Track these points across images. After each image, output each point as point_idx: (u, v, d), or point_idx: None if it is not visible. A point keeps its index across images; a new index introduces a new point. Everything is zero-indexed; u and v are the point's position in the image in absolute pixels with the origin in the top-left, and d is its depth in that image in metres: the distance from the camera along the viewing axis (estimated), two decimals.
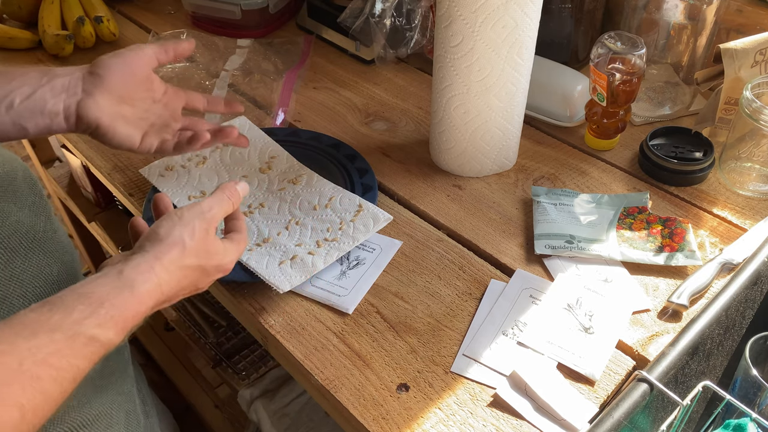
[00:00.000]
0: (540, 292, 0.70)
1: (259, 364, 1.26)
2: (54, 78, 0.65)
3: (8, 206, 0.54)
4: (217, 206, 0.59)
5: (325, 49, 1.14)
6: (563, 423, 0.58)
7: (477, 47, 0.74)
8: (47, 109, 0.64)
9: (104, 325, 0.45)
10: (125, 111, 0.69)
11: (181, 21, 1.23)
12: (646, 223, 0.77)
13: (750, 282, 0.64)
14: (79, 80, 0.67)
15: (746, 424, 0.55)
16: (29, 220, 0.55)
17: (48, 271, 0.55)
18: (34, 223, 0.56)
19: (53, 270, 0.56)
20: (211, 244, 0.57)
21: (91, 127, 0.66)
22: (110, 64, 0.68)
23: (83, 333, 0.44)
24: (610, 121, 0.88)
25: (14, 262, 0.53)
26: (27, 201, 0.56)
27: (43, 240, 0.56)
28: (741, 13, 0.95)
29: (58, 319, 0.44)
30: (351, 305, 0.69)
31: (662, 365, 0.56)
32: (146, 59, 0.70)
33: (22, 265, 0.53)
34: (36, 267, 0.54)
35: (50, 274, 0.56)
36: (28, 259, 0.54)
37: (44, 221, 0.57)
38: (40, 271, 0.55)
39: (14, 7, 1.16)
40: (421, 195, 0.84)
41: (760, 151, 0.81)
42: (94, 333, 0.44)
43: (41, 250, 0.55)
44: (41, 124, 0.64)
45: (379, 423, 0.59)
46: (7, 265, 0.52)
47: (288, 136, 0.91)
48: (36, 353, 0.41)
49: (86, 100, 0.65)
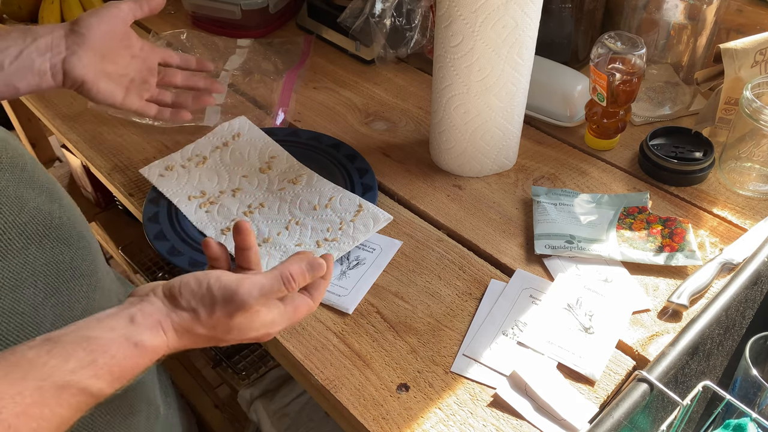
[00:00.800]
0: (540, 292, 0.70)
1: (259, 364, 1.26)
2: (37, 37, 0.69)
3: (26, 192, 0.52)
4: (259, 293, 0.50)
5: (325, 49, 1.14)
6: (563, 423, 0.58)
7: (477, 47, 0.74)
8: (35, 68, 0.68)
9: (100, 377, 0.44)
10: (107, 67, 0.73)
11: (181, 21, 1.23)
12: (646, 223, 0.77)
13: (750, 282, 0.64)
14: (62, 38, 0.70)
15: (746, 424, 0.55)
16: (46, 207, 0.54)
17: (61, 259, 0.54)
18: (51, 210, 0.54)
19: (66, 257, 0.54)
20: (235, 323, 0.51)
21: (77, 84, 0.71)
22: (90, 22, 0.71)
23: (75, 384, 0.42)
24: (610, 121, 0.88)
25: (29, 249, 0.51)
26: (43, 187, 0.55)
27: (59, 227, 0.55)
28: (741, 13, 0.95)
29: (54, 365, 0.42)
30: (351, 305, 0.69)
31: (662, 365, 0.56)
32: (123, 15, 0.74)
33: (36, 253, 0.52)
34: (50, 254, 0.53)
35: (63, 262, 0.54)
36: (42, 246, 0.52)
37: (58, 207, 0.56)
38: (53, 258, 0.53)
39: (14, 7, 1.16)
40: (421, 195, 0.84)
41: (760, 151, 0.81)
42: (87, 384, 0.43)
43: (56, 237, 0.54)
44: (32, 82, 0.68)
45: (379, 423, 0.59)
46: (21, 252, 0.51)
47: (288, 136, 0.91)
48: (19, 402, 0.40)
49: (71, 57, 0.69)
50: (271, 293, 0.51)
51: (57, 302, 0.53)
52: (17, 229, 0.51)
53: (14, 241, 0.50)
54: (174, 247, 0.74)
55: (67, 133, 0.95)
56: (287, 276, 0.52)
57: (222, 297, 0.50)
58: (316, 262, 0.54)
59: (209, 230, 0.77)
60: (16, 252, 0.50)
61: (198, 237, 0.76)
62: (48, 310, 0.52)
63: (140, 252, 1.44)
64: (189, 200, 0.80)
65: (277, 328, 0.53)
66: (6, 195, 0.51)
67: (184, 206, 0.79)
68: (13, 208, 0.51)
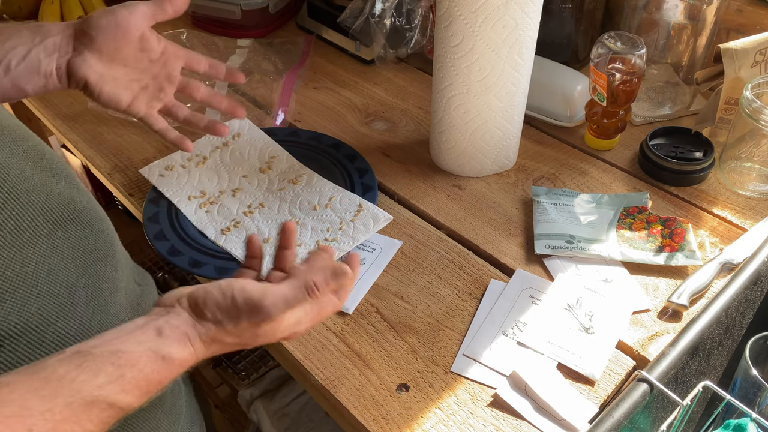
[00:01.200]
0: (540, 292, 0.70)
1: (259, 364, 1.26)
2: (46, 37, 0.66)
3: (49, 179, 0.53)
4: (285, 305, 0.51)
5: (325, 49, 1.14)
6: (563, 423, 0.58)
7: (477, 47, 0.74)
8: (42, 69, 0.65)
9: (128, 391, 0.44)
10: (116, 72, 0.69)
11: (181, 21, 1.23)
12: (646, 223, 0.77)
13: (750, 282, 0.64)
14: (71, 38, 0.67)
15: (746, 424, 0.55)
16: (68, 192, 0.55)
17: (85, 242, 0.55)
18: (72, 195, 0.55)
19: (89, 240, 0.56)
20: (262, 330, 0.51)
21: (80, 85, 0.67)
22: (101, 24, 0.67)
23: (104, 399, 0.43)
24: (610, 121, 0.88)
25: (55, 234, 0.52)
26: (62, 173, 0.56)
27: (81, 210, 0.56)
28: (741, 13, 0.95)
29: (83, 380, 0.42)
30: (351, 305, 0.69)
31: (662, 365, 0.56)
32: (140, 17, 0.68)
33: (63, 236, 0.53)
34: (74, 237, 0.54)
35: (87, 244, 0.56)
36: (67, 230, 0.53)
37: (77, 192, 0.57)
38: (78, 242, 0.54)
39: (14, 7, 1.16)
40: (421, 195, 0.84)
41: (760, 151, 0.81)
42: (115, 399, 0.43)
43: (79, 221, 0.55)
44: (38, 84, 0.65)
45: (379, 423, 0.59)
46: (49, 237, 0.52)
47: (288, 136, 0.91)
48: (49, 419, 0.40)
49: (76, 58, 0.66)
50: (296, 303, 0.51)
51: (87, 283, 0.55)
52: (45, 216, 0.52)
53: (42, 227, 0.51)
54: (174, 247, 0.74)
55: (67, 133, 0.95)
56: (311, 286, 0.52)
57: (247, 309, 0.50)
58: (341, 269, 0.54)
59: (209, 230, 0.77)
60: (45, 237, 0.51)
61: (198, 237, 0.76)
62: (81, 291, 0.54)
63: (140, 252, 1.44)
64: (189, 200, 0.80)
65: (304, 327, 0.53)
66: (32, 183, 0.51)
67: (184, 206, 0.79)
68: (41, 195, 0.52)
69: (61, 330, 0.52)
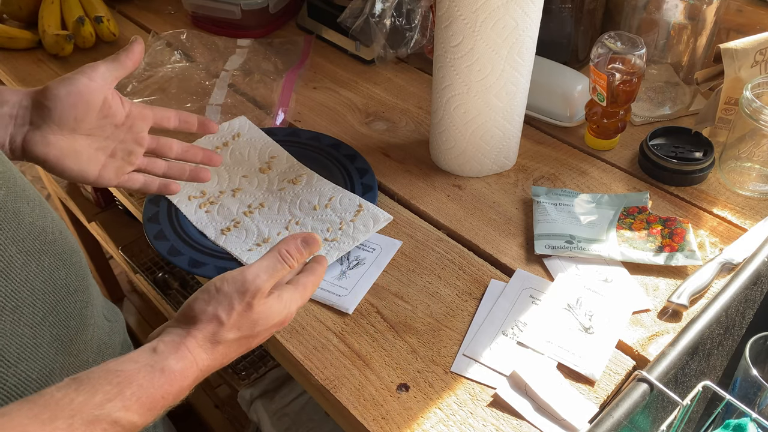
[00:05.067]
0: (540, 292, 0.70)
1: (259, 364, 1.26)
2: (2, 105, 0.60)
3: (23, 206, 0.50)
4: (266, 274, 0.52)
5: (325, 49, 1.14)
6: (563, 423, 0.58)
7: (477, 47, 0.74)
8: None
9: (129, 408, 0.43)
10: (78, 144, 0.63)
11: (181, 21, 1.23)
12: (646, 223, 0.77)
13: (750, 282, 0.64)
14: (27, 110, 0.61)
15: (746, 424, 0.55)
16: (41, 222, 0.52)
17: (57, 275, 0.52)
18: (44, 225, 0.52)
19: (62, 273, 0.53)
20: (256, 313, 0.51)
21: (39, 162, 0.62)
22: (59, 94, 0.61)
23: (105, 418, 0.42)
24: (610, 121, 0.88)
25: (29, 266, 0.49)
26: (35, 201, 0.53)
27: (52, 242, 0.53)
28: (741, 13, 0.95)
29: (81, 401, 0.42)
30: (351, 305, 0.69)
31: (662, 365, 0.56)
32: (100, 83, 0.63)
33: (36, 270, 0.50)
34: (47, 271, 0.51)
35: (59, 278, 0.53)
36: (41, 262, 0.51)
37: (51, 222, 0.54)
38: (50, 275, 0.52)
39: (14, 7, 1.16)
40: (421, 195, 0.84)
41: (760, 151, 0.81)
42: (117, 416, 0.42)
43: (51, 253, 0.52)
44: None
45: (379, 423, 0.59)
46: (22, 269, 0.49)
47: (288, 136, 0.91)
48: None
49: (32, 134, 0.60)
50: (275, 271, 0.53)
51: (54, 321, 0.52)
52: (17, 246, 0.48)
53: (15, 258, 0.48)
54: (174, 247, 0.74)
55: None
56: (284, 253, 0.54)
57: (235, 290, 0.50)
58: (311, 238, 0.56)
59: (209, 230, 0.77)
60: (18, 270, 0.48)
61: (198, 237, 0.76)
62: (46, 330, 0.51)
63: (140, 252, 1.44)
64: (189, 200, 0.80)
65: (295, 306, 0.55)
66: (4, 209, 0.48)
67: (184, 206, 0.79)
68: (12, 223, 0.48)
69: (22, 373, 0.49)
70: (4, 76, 1.08)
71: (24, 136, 0.60)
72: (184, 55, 1.09)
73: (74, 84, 0.61)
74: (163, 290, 1.45)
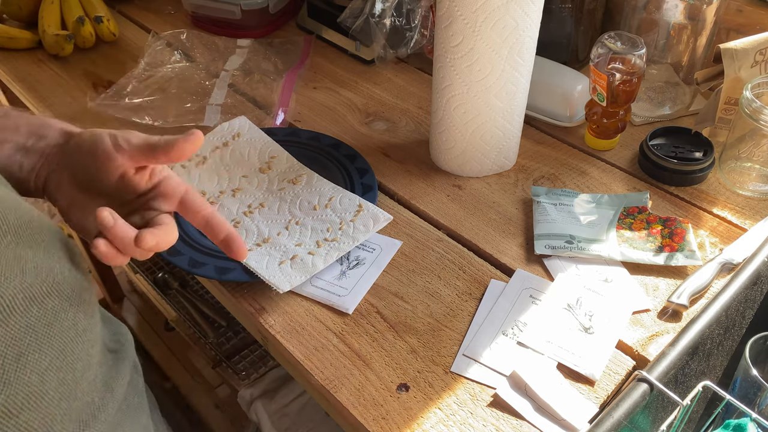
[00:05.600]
0: (540, 292, 0.70)
1: (259, 364, 1.26)
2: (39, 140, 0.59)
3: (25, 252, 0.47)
4: None
5: (325, 49, 1.14)
6: (563, 423, 0.58)
7: (477, 47, 0.74)
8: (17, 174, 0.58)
9: None
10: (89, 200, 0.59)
11: (181, 21, 1.23)
12: (646, 223, 0.77)
13: (750, 282, 0.64)
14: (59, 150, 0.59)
15: (746, 424, 0.55)
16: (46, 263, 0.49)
17: (64, 317, 0.49)
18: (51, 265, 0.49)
19: (69, 315, 0.50)
20: None
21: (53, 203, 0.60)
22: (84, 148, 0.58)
23: None
24: (610, 121, 0.88)
25: (30, 311, 0.46)
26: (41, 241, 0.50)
27: (61, 282, 0.50)
28: (741, 13, 0.95)
29: None
30: (351, 305, 0.69)
31: (662, 365, 0.56)
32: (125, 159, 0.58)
33: (38, 314, 0.47)
34: (52, 313, 0.48)
35: (66, 320, 0.49)
36: (44, 305, 0.48)
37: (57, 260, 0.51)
38: (55, 318, 0.48)
39: (14, 7, 1.16)
40: (421, 195, 0.84)
41: (760, 151, 0.81)
42: None
43: (57, 294, 0.49)
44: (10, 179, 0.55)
45: (379, 423, 0.59)
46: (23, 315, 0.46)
47: (288, 136, 0.91)
48: None
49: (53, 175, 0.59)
50: None
51: (61, 366, 0.49)
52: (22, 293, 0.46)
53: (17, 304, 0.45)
54: (174, 247, 0.74)
55: None
56: None
57: None
58: None
59: None
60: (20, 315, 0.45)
61: (198, 237, 0.76)
62: (53, 375, 0.48)
63: None
64: None
65: None
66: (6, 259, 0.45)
67: None
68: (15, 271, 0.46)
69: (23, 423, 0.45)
70: (4, 76, 1.08)
71: (46, 176, 0.59)
72: (184, 55, 1.09)
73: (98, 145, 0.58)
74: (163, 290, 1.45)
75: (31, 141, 0.58)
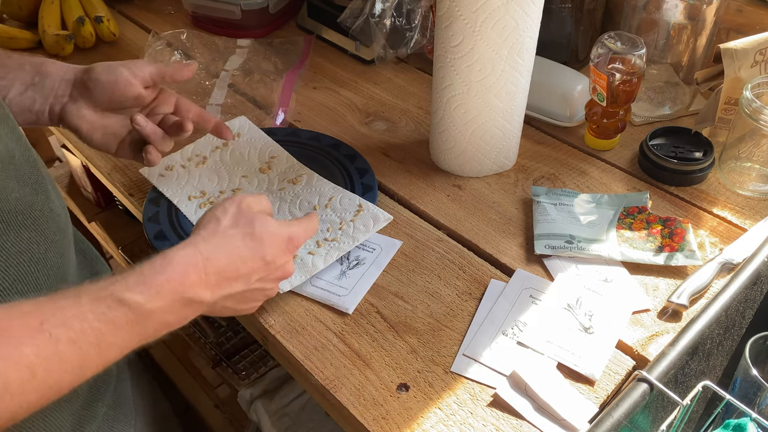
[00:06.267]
0: (540, 292, 0.70)
1: (259, 364, 1.26)
2: (45, 78, 0.69)
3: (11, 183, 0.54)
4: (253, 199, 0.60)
5: (325, 49, 1.14)
6: (563, 423, 0.58)
7: (477, 47, 0.74)
8: (35, 108, 0.69)
9: (132, 289, 0.47)
10: (108, 121, 0.73)
11: (181, 21, 1.23)
12: (646, 223, 0.77)
13: (750, 282, 0.64)
14: (69, 84, 0.70)
15: (746, 424, 0.55)
16: (30, 198, 0.56)
17: (36, 249, 0.56)
18: (33, 201, 0.56)
19: (41, 248, 0.56)
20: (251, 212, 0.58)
21: (72, 130, 0.71)
22: (101, 79, 0.70)
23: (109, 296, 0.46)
24: (610, 121, 0.88)
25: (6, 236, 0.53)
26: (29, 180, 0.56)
27: (39, 218, 0.56)
28: (741, 13, 0.95)
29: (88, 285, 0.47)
30: (351, 305, 0.69)
31: (662, 365, 0.56)
32: (140, 81, 0.72)
33: (13, 240, 0.53)
34: (25, 243, 0.54)
35: (37, 252, 0.56)
36: (20, 234, 0.54)
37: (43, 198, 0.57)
38: (28, 248, 0.55)
39: (14, 7, 1.16)
40: (421, 195, 0.84)
41: (760, 151, 0.81)
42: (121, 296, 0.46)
43: (34, 228, 0.55)
44: (29, 119, 0.69)
45: (379, 423, 0.59)
46: None
47: (288, 136, 0.91)
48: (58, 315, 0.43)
49: (70, 106, 0.70)
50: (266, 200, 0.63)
51: (21, 290, 0.55)
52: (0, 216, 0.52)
53: None
54: None
55: (67, 133, 0.95)
56: None
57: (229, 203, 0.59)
58: None
59: None
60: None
61: None
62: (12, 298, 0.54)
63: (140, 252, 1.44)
64: (189, 200, 0.80)
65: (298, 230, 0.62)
66: None
67: (184, 206, 0.79)
68: None
69: None
70: None
71: (62, 106, 0.70)
72: (184, 55, 1.09)
73: (117, 75, 0.70)
74: None
75: (37, 78, 0.69)
